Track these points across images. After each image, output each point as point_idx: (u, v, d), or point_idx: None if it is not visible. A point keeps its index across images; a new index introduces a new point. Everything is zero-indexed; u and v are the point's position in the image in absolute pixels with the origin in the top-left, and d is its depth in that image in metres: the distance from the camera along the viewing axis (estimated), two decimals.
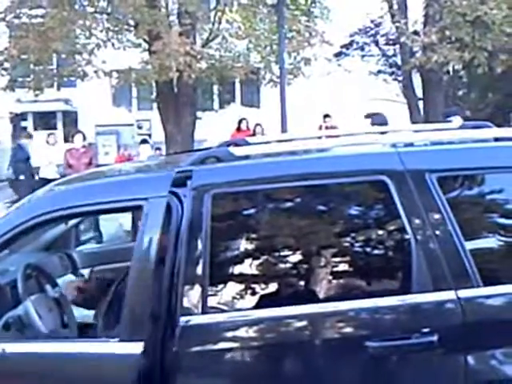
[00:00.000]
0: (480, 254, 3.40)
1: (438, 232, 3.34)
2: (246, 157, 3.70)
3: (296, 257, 3.50)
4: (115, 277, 4.43)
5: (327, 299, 3.40)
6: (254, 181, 3.50)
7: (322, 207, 3.63)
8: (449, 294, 3.28)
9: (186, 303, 3.31)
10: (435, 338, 3.23)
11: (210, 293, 3.35)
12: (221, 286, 3.45)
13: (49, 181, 5.21)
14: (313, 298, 3.39)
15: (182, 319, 3.29)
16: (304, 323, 3.36)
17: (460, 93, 23.88)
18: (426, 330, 3.25)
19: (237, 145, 4.13)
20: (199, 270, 3.33)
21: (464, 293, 3.27)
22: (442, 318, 3.30)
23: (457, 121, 10.88)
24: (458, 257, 3.31)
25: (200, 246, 3.36)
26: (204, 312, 3.32)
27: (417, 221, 3.35)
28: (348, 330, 3.36)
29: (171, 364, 3.27)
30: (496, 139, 3.73)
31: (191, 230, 3.37)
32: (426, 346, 3.24)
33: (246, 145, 4.23)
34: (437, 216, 3.35)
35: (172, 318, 3.30)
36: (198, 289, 3.32)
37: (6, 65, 17.55)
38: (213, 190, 3.42)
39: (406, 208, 3.35)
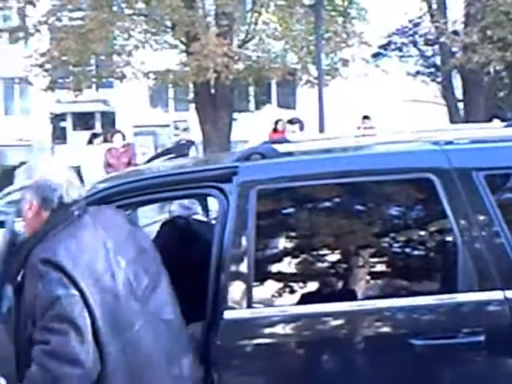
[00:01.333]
0: None
1: (484, 231, 3.31)
2: (291, 153, 3.70)
3: (340, 254, 3.49)
4: None
5: (375, 297, 3.39)
6: (299, 177, 3.50)
7: (366, 205, 3.60)
8: (496, 295, 3.25)
9: (230, 297, 3.32)
10: (482, 338, 3.20)
11: (254, 288, 3.35)
12: (265, 282, 3.45)
13: None
14: (360, 296, 3.39)
15: (227, 313, 3.30)
16: (351, 320, 3.36)
17: (501, 94, 23.59)
18: (472, 330, 3.22)
19: (278, 143, 4.12)
20: (244, 265, 3.35)
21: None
22: (489, 318, 3.28)
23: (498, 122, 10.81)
24: (506, 257, 3.27)
25: (245, 241, 3.37)
26: (248, 306, 3.32)
27: (463, 220, 3.32)
28: (394, 327, 3.35)
29: (214, 357, 3.28)
30: None
31: (237, 226, 3.38)
32: (472, 346, 3.22)
33: (288, 143, 4.22)
34: (484, 215, 3.32)
35: (216, 311, 3.31)
36: (243, 283, 3.32)
37: (47, 66, 17.77)
38: (258, 186, 3.43)
39: (453, 207, 3.33)
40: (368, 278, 3.46)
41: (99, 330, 2.90)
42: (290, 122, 10.39)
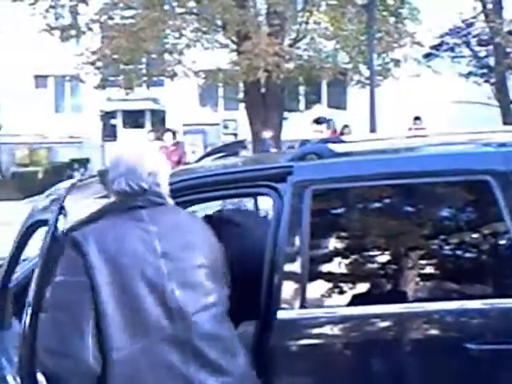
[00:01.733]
0: None
1: None
2: (347, 154, 3.67)
3: (393, 256, 3.45)
4: None
5: (430, 299, 3.34)
6: (355, 178, 3.47)
7: (421, 207, 3.56)
8: None
9: (284, 297, 3.30)
10: None
11: (307, 288, 3.34)
12: (318, 282, 3.43)
13: None
14: (415, 298, 3.35)
15: (280, 313, 3.29)
16: (403, 322, 3.32)
17: None
18: None
19: (332, 143, 4.09)
20: (298, 265, 3.33)
21: None
22: None
23: None
24: None
25: (299, 241, 3.35)
26: (301, 307, 3.31)
27: None
28: (449, 330, 3.30)
29: (267, 357, 3.27)
30: None
31: (291, 226, 3.36)
32: None
33: (341, 143, 4.19)
34: None
35: (270, 311, 3.29)
36: (296, 284, 3.31)
37: (99, 64, 17.97)
38: (313, 186, 3.41)
39: (510, 209, 3.27)
40: (428, 279, 3.43)
41: (107, 324, 2.77)
42: (317, 121, 10.19)
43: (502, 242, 3.37)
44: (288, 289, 3.31)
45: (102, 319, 2.75)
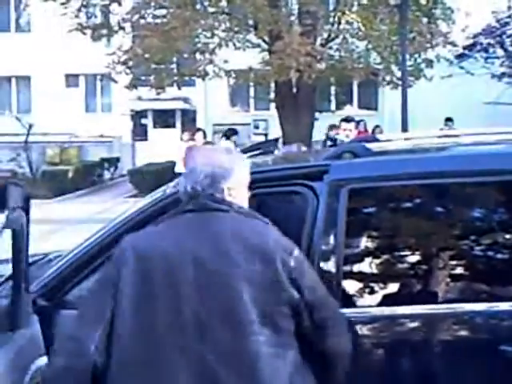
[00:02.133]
0: None
1: None
2: (383, 153, 3.63)
3: (431, 255, 3.41)
4: None
5: (462, 300, 3.30)
6: (391, 177, 3.43)
7: (456, 207, 3.52)
8: None
9: None
10: None
11: (343, 287, 3.29)
12: (353, 281, 3.40)
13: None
14: (446, 299, 3.32)
15: None
16: (433, 323, 3.31)
17: None
18: None
19: (367, 142, 4.05)
20: (333, 264, 3.29)
21: None
22: None
23: None
24: None
25: (334, 240, 3.32)
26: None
27: None
28: (483, 332, 3.26)
29: None
30: None
31: (326, 224, 3.32)
32: None
33: (376, 141, 4.15)
34: None
35: None
36: (331, 282, 3.25)
37: (130, 63, 18.02)
38: (349, 185, 3.38)
39: None
40: (460, 280, 3.38)
41: (114, 335, 2.66)
42: (346, 120, 10.19)
43: None
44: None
45: (116, 322, 2.67)
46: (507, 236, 3.38)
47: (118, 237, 3.16)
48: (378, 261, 3.45)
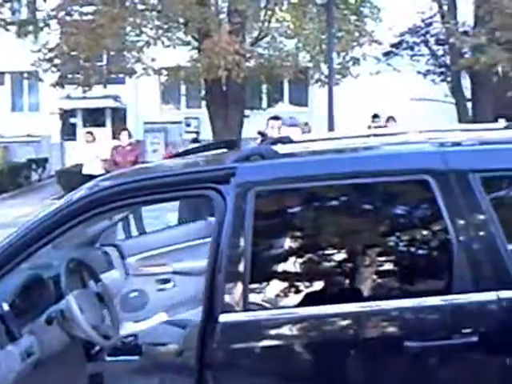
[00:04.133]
0: None
1: (480, 233, 3.32)
2: (291, 154, 3.71)
3: (337, 256, 3.48)
4: None
5: (367, 298, 3.38)
6: (298, 179, 3.50)
7: (364, 206, 3.61)
8: (490, 295, 3.26)
9: (227, 299, 3.32)
10: (476, 338, 3.21)
11: (251, 290, 3.36)
12: (263, 284, 3.45)
13: (94, 177, 5.32)
14: (352, 297, 3.38)
15: (223, 316, 3.30)
16: (343, 322, 3.36)
17: (510, 94, 23.52)
18: (466, 331, 3.23)
19: (281, 142, 4.12)
20: (241, 267, 3.34)
21: (506, 294, 3.25)
22: (483, 318, 3.28)
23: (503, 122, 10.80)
24: (501, 258, 3.28)
25: (242, 243, 3.36)
26: (245, 309, 3.33)
27: (459, 221, 3.33)
28: (388, 329, 3.36)
29: (210, 361, 3.29)
30: None
31: (234, 227, 3.37)
32: (466, 346, 3.23)
33: (291, 143, 4.22)
34: (479, 217, 3.34)
35: (212, 313, 3.31)
36: (239, 286, 3.33)
37: (57, 61, 17.78)
38: (256, 188, 3.43)
39: (449, 208, 3.33)
40: (365, 278, 3.46)
41: None
42: (274, 118, 10.26)
43: (441, 239, 3.42)
44: (231, 291, 3.33)
45: None
46: (413, 235, 3.49)
47: (26, 242, 3.18)
48: (286, 262, 3.49)
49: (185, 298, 5.04)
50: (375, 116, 16.65)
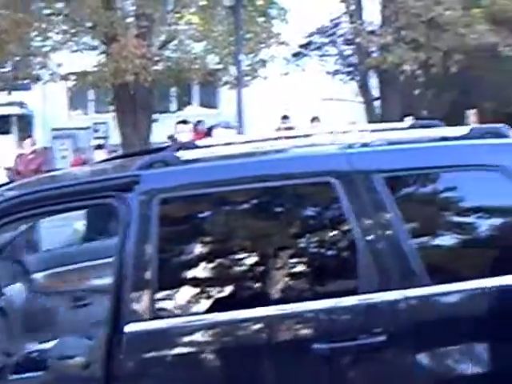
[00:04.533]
0: (429, 253, 3.42)
1: (385, 232, 3.36)
2: (194, 160, 3.68)
3: (244, 260, 3.48)
4: None
5: (277, 301, 3.37)
6: (201, 184, 3.49)
7: (271, 209, 3.62)
8: (396, 294, 3.29)
9: (133, 309, 3.27)
10: (384, 338, 3.24)
11: (159, 298, 3.32)
12: (172, 291, 3.42)
13: None
14: (262, 301, 3.37)
15: (129, 326, 3.25)
16: (253, 326, 3.35)
17: (417, 92, 24.06)
18: (374, 331, 3.26)
19: (187, 148, 4.09)
20: (147, 275, 3.30)
21: (412, 292, 3.29)
22: (390, 317, 3.31)
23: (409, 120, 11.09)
24: (406, 257, 3.32)
25: (148, 251, 3.33)
26: (153, 318, 3.28)
27: (364, 221, 3.36)
28: (297, 332, 3.36)
29: (117, 372, 3.23)
30: (443, 138, 3.76)
31: (139, 235, 3.33)
32: (374, 346, 3.25)
33: (196, 148, 4.19)
34: (384, 216, 3.37)
35: (119, 323, 3.25)
36: (146, 294, 3.28)
37: None
38: (160, 195, 3.40)
39: (354, 209, 3.36)
40: (272, 281, 3.46)
41: None
42: (182, 122, 10.29)
43: (347, 240, 3.45)
44: (137, 300, 3.28)
45: None
46: (319, 237, 3.51)
47: None
48: (196, 268, 3.47)
49: (95, 314, 4.95)
50: (285, 117, 16.78)
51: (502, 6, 18.18)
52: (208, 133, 16.63)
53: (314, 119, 15.32)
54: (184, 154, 3.69)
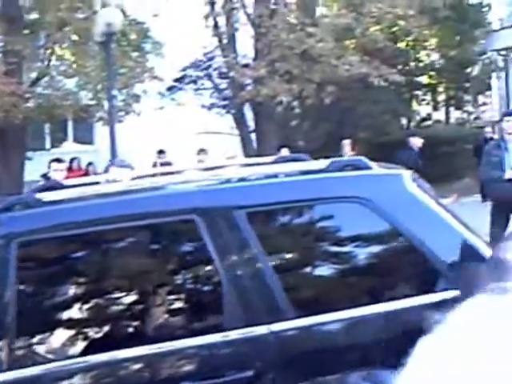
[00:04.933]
0: (293, 286, 3.46)
1: (248, 268, 3.38)
2: (56, 202, 3.61)
3: (103, 299, 3.44)
4: None
5: (140, 342, 3.32)
6: (61, 226, 3.43)
7: (135, 249, 3.60)
8: (262, 329, 3.31)
9: None
10: (251, 373, 3.25)
11: (18, 346, 3.22)
12: (32, 337, 3.33)
13: None
14: (124, 342, 3.33)
15: None
16: (121, 367, 3.30)
17: (294, 123, 24.51)
18: (241, 366, 3.27)
19: (54, 188, 4.02)
20: (4, 321, 3.20)
21: (276, 326, 3.31)
22: (257, 352, 3.33)
23: (285, 152, 11.25)
24: (270, 292, 3.35)
25: (6, 296, 3.23)
26: (11, 368, 3.17)
27: (227, 258, 3.37)
28: (164, 371, 3.33)
29: None
30: (304, 172, 3.83)
31: None
32: (242, 381, 3.26)
33: (62, 188, 4.13)
34: (247, 252, 3.40)
35: None
36: (3, 344, 3.17)
37: None
38: (19, 238, 3.33)
39: (217, 246, 3.37)
40: (136, 322, 3.44)
41: None
42: (56, 160, 10.13)
43: (211, 277, 3.46)
44: None
45: None
46: (191, 273, 3.50)
47: None
48: (58, 311, 3.42)
49: None
50: (161, 152, 16.73)
51: (373, 36, 18.82)
52: (86, 171, 16.44)
53: (201, 151, 15.33)
54: (47, 196, 3.62)
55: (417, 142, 11.37)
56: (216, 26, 20.25)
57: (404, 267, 3.63)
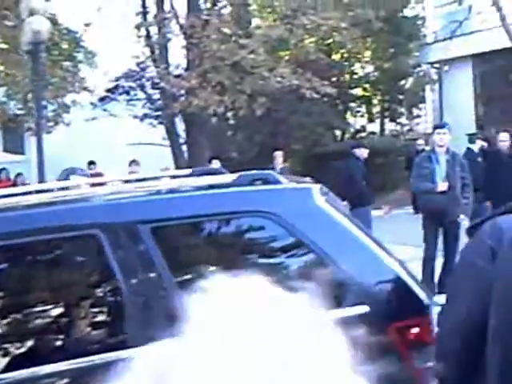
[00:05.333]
0: None
1: (152, 284, 3.31)
2: None
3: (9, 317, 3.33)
4: None
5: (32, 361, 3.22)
6: None
7: (36, 266, 3.49)
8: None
9: None
10: None
11: None
12: None
13: None
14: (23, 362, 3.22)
15: None
16: None
17: (227, 135, 24.50)
18: None
19: None
20: None
21: None
22: None
23: (215, 163, 11.21)
24: (173, 307, 3.27)
25: None
26: None
27: (130, 274, 3.29)
28: None
29: None
30: (211, 186, 3.78)
31: None
32: None
33: None
34: (150, 267, 3.32)
35: None
36: None
37: None
38: None
39: (119, 261, 3.29)
40: (33, 341, 3.33)
41: None
42: None
43: (113, 295, 3.38)
44: None
45: None
46: (93, 289, 3.41)
47: None
48: None
49: None
50: (91, 163, 16.51)
51: (306, 48, 18.93)
52: (14, 182, 16.11)
53: (133, 163, 15.17)
54: None
55: (363, 152, 11.40)
56: (148, 35, 20.14)
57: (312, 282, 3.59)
